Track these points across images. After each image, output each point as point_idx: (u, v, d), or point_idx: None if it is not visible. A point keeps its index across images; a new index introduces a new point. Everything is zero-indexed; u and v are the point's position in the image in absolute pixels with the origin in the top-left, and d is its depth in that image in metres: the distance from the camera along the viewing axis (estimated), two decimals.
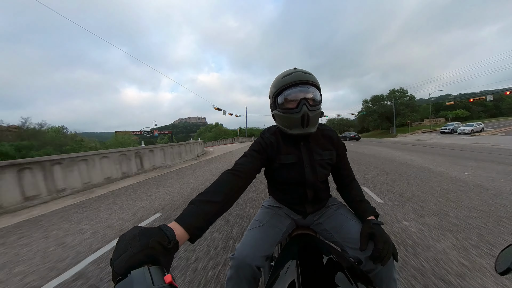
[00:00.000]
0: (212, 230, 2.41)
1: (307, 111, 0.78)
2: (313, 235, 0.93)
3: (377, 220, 0.77)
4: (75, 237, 2.51)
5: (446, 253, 1.76)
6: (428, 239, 1.99)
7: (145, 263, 0.39)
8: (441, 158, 7.33)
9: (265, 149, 0.87)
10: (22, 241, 2.51)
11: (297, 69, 0.85)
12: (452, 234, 2.08)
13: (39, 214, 3.55)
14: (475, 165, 5.80)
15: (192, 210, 0.57)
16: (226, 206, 0.65)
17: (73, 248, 2.25)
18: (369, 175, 5.05)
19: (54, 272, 1.85)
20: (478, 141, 14.03)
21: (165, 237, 0.45)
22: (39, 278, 1.77)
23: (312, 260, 0.66)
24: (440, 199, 3.11)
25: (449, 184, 3.95)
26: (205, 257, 1.92)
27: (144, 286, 0.34)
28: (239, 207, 3.17)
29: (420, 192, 3.51)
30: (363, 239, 0.70)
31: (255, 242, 0.82)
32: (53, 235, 2.63)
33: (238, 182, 0.71)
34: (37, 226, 2.99)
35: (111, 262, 0.40)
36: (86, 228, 2.77)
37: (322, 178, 0.92)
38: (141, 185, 5.37)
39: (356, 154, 9.76)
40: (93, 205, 3.85)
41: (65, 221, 3.11)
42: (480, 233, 2.07)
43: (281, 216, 0.97)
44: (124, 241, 0.42)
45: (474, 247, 1.84)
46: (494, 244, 1.85)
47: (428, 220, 2.42)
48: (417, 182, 4.16)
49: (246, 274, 0.74)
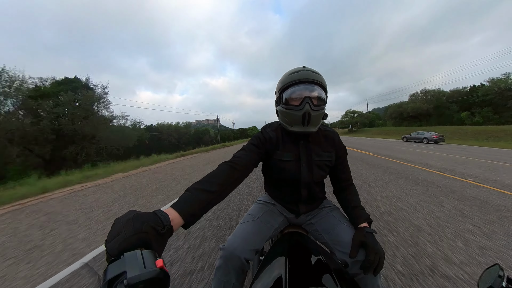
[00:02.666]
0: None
1: (309, 109, 0.78)
2: (304, 234, 0.94)
3: (370, 228, 0.77)
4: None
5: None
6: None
7: (138, 246, 0.40)
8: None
9: (264, 143, 0.87)
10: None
11: (306, 67, 0.84)
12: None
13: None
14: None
15: (188, 197, 0.58)
16: (221, 197, 0.65)
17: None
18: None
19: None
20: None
21: (160, 222, 0.45)
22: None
23: (301, 259, 0.67)
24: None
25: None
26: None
27: (135, 268, 0.35)
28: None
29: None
30: (354, 246, 0.71)
31: (246, 236, 0.83)
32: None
33: (234, 174, 0.72)
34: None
35: (105, 244, 0.40)
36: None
37: (318, 179, 0.91)
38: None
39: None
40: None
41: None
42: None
43: (274, 213, 0.97)
44: (119, 224, 0.42)
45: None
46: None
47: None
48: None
49: (235, 265, 0.76)
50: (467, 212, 2.70)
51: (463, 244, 1.94)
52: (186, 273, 1.60)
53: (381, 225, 2.34)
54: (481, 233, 2.15)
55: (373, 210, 2.80)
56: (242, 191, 3.76)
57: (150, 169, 7.38)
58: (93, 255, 1.98)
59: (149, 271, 0.35)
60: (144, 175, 6.21)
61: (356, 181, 2.81)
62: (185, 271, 1.63)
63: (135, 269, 0.35)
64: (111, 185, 5.09)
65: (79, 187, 4.91)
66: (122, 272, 0.35)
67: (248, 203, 3.18)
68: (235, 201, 3.27)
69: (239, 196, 3.49)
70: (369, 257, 0.67)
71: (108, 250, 0.39)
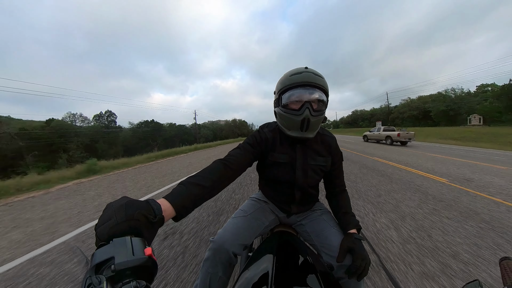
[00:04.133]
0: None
1: (309, 115, 0.75)
2: (294, 234, 0.95)
3: (359, 235, 0.78)
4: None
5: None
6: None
7: (127, 233, 0.39)
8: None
9: (260, 143, 0.86)
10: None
11: (308, 69, 0.79)
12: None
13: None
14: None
15: (181, 190, 0.58)
16: (213, 193, 0.65)
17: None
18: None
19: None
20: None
21: (151, 211, 0.45)
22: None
23: (288, 257, 0.68)
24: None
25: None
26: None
27: (124, 254, 0.35)
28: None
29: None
30: (341, 252, 0.71)
31: (236, 230, 0.84)
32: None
33: (228, 172, 0.72)
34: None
35: (96, 228, 0.40)
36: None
37: (312, 183, 0.91)
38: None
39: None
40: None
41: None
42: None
43: (266, 211, 0.98)
44: (111, 209, 0.42)
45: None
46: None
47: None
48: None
49: (223, 259, 0.76)
50: (384, 181, 4.32)
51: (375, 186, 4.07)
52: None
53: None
54: (389, 189, 3.82)
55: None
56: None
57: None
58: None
59: (137, 258, 0.36)
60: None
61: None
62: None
63: (123, 255, 0.35)
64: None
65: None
66: (110, 257, 0.35)
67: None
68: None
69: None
70: (355, 263, 0.68)
71: (97, 235, 0.39)
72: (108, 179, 5.40)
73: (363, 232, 2.16)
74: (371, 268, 1.60)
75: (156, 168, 6.88)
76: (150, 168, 7.09)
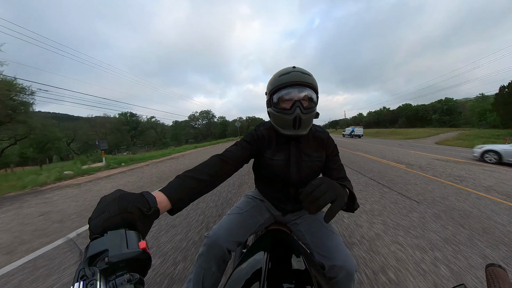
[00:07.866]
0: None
1: (299, 113, 0.76)
2: (288, 233, 0.95)
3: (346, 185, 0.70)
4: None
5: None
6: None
7: (122, 226, 0.39)
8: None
9: (256, 141, 0.87)
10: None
11: (296, 68, 0.80)
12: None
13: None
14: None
15: (177, 183, 0.58)
16: (209, 187, 0.66)
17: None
18: None
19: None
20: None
21: (146, 203, 0.45)
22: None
23: (282, 255, 0.69)
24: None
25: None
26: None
27: (117, 247, 0.35)
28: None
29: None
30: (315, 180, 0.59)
31: (231, 227, 0.85)
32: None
33: (225, 167, 0.72)
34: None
35: (89, 221, 0.40)
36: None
37: (307, 180, 0.90)
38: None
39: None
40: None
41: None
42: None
43: (262, 209, 0.99)
44: (104, 202, 0.42)
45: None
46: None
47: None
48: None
49: (216, 254, 0.77)
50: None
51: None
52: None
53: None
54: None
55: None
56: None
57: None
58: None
59: (131, 251, 0.36)
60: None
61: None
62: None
63: (117, 248, 0.35)
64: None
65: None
66: (104, 250, 0.35)
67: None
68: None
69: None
70: (313, 183, 0.57)
71: (91, 228, 0.39)
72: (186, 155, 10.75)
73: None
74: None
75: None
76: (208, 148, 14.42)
